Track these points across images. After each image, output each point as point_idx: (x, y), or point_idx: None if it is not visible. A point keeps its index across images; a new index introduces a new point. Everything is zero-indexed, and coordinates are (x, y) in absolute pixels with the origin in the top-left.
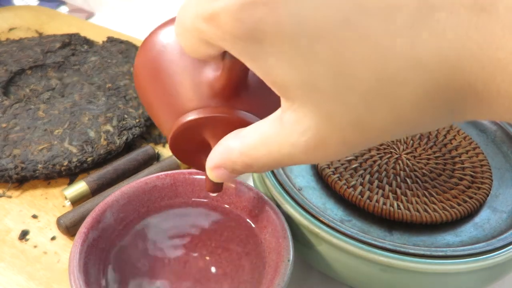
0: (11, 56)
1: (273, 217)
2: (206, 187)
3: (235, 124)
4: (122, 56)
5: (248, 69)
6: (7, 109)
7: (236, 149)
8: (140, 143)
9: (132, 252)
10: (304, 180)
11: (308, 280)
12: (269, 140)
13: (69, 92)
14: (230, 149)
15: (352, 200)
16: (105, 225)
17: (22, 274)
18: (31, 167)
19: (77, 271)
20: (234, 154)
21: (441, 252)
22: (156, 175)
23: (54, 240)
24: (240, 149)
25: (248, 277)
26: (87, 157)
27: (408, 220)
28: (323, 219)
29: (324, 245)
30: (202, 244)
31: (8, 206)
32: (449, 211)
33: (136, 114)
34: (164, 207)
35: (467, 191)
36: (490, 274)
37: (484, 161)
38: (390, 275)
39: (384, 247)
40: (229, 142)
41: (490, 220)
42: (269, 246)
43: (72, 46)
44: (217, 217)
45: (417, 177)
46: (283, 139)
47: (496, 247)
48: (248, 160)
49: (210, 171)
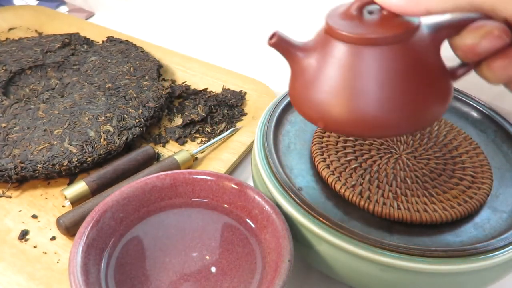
0: (11, 56)
1: (273, 217)
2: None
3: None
4: (122, 56)
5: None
6: (7, 109)
7: None
8: (140, 143)
9: (132, 252)
10: (304, 180)
11: (308, 280)
12: None
13: (69, 92)
14: None
15: (352, 200)
16: (105, 225)
17: (22, 274)
18: (31, 167)
19: (77, 271)
20: None
21: (441, 252)
22: (156, 175)
23: (54, 240)
24: None
25: (248, 277)
26: (87, 157)
27: (408, 220)
28: (323, 219)
29: (324, 245)
30: (202, 244)
31: (8, 206)
32: (449, 211)
33: (136, 114)
34: (164, 207)
35: (467, 191)
36: (490, 274)
37: (484, 161)
38: (390, 275)
39: (384, 247)
40: None
41: (490, 220)
42: (269, 246)
43: (72, 46)
44: (217, 217)
45: (417, 177)
46: None
47: (496, 247)
48: None
49: None
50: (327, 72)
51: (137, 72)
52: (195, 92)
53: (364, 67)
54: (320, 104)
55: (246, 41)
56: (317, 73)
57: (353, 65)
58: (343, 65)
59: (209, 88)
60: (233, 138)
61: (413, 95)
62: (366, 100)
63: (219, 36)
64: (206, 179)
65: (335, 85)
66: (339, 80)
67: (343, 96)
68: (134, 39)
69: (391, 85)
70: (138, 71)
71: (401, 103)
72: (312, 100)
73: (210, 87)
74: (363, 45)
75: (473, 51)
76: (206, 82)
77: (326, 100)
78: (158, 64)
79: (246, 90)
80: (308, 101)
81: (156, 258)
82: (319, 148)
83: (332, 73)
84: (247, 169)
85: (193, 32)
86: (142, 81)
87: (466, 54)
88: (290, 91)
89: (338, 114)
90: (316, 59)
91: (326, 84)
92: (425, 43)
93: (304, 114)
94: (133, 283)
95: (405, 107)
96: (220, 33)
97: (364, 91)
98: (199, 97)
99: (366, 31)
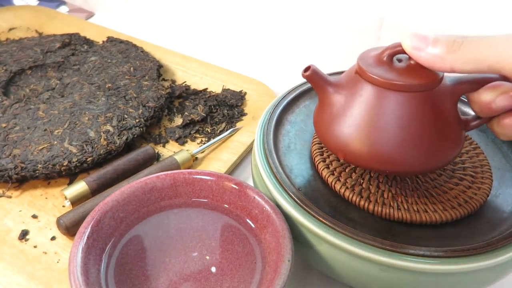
0: (11, 56)
1: (273, 217)
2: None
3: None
4: (122, 56)
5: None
6: (7, 109)
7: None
8: (140, 143)
9: (132, 252)
10: (304, 180)
11: (308, 280)
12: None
13: (69, 92)
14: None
15: (352, 200)
16: (105, 225)
17: (22, 274)
18: (31, 167)
19: (77, 271)
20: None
21: (441, 252)
22: (156, 175)
23: (54, 240)
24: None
25: (248, 277)
26: (87, 157)
27: (408, 220)
28: (323, 219)
29: (324, 245)
30: (202, 244)
31: (8, 206)
32: (449, 211)
33: (136, 114)
34: (164, 207)
35: (467, 191)
36: (490, 274)
37: (484, 161)
38: (390, 275)
39: (384, 247)
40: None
41: (490, 221)
42: (269, 246)
43: (72, 46)
44: (217, 217)
45: (417, 177)
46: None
47: (496, 247)
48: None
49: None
50: (353, 109)
51: (137, 72)
52: (195, 92)
53: (387, 109)
54: (342, 137)
55: (246, 41)
56: (344, 109)
57: (378, 106)
58: (368, 105)
59: (209, 88)
60: (233, 138)
61: (428, 140)
62: (384, 139)
63: (219, 36)
64: (206, 179)
65: (358, 122)
66: (363, 118)
67: (364, 132)
68: (134, 39)
69: (410, 128)
70: (138, 71)
71: (416, 146)
72: (335, 132)
73: (210, 87)
74: (389, 89)
75: (489, 107)
76: (206, 82)
77: (348, 134)
78: (158, 64)
79: (246, 90)
80: (332, 132)
81: (156, 258)
82: (319, 148)
83: (357, 111)
84: (247, 169)
85: (193, 32)
86: (142, 81)
87: (482, 109)
88: (316, 119)
89: (357, 148)
90: (344, 95)
91: (350, 120)
92: (445, 95)
93: (326, 143)
94: (133, 283)
95: (420, 150)
96: (220, 33)
97: (384, 131)
98: (199, 97)
99: (394, 77)
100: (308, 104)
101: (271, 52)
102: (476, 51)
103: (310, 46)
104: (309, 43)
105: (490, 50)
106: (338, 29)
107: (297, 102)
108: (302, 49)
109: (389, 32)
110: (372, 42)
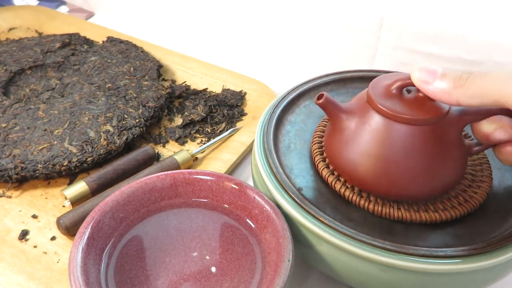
0: (11, 56)
1: (273, 217)
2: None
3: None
4: (122, 56)
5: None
6: (7, 109)
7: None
8: (140, 143)
9: (132, 252)
10: (304, 180)
11: (308, 280)
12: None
13: (69, 92)
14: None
15: (352, 200)
16: (105, 225)
17: (22, 274)
18: (31, 167)
19: (77, 271)
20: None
21: (441, 252)
22: (156, 175)
23: (54, 240)
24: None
25: (248, 277)
26: (87, 157)
27: (408, 219)
28: (323, 219)
29: (324, 245)
30: (202, 244)
31: (8, 206)
32: (449, 210)
33: (136, 114)
34: (164, 207)
35: (467, 190)
36: (490, 274)
37: (484, 159)
38: (390, 275)
39: (384, 247)
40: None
41: (490, 220)
42: (269, 246)
43: (72, 46)
44: (217, 217)
45: None
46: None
47: (496, 247)
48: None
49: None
50: (361, 137)
51: (137, 72)
52: (195, 92)
53: (394, 140)
54: (350, 162)
55: (246, 41)
56: (353, 135)
57: (385, 136)
58: (376, 134)
59: (209, 88)
60: (233, 138)
61: (432, 168)
62: (389, 167)
63: (219, 36)
64: (206, 179)
65: (366, 149)
66: (370, 146)
67: (370, 160)
68: (134, 39)
69: (414, 158)
70: (138, 71)
71: (421, 175)
72: (344, 156)
73: (210, 87)
74: (397, 121)
75: (488, 137)
76: (206, 82)
77: (356, 159)
78: (158, 64)
79: (246, 90)
80: (340, 156)
81: (156, 258)
82: (319, 148)
83: (366, 139)
84: (247, 169)
85: (193, 32)
86: (142, 81)
87: (482, 138)
88: (326, 142)
89: (363, 173)
90: (355, 123)
91: (358, 147)
92: (450, 126)
93: (334, 166)
94: (133, 283)
95: (425, 179)
96: (220, 33)
97: (389, 159)
98: (199, 97)
99: (402, 110)
100: (308, 104)
101: (271, 52)
102: (481, 86)
103: (310, 46)
104: (309, 43)
105: (495, 86)
106: (338, 29)
107: (297, 102)
108: (302, 49)
109: (389, 32)
110: (372, 42)
